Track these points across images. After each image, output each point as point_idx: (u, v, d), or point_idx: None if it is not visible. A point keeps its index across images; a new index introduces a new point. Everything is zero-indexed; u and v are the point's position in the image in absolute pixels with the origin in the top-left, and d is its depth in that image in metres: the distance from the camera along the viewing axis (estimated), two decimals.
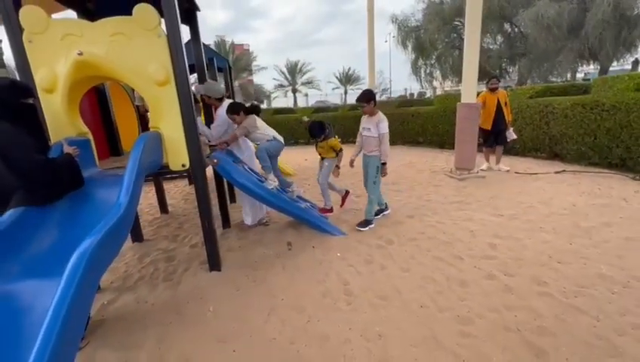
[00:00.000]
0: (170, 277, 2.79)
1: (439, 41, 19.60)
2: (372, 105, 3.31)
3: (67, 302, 1.22)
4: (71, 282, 1.25)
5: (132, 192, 1.76)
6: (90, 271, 1.36)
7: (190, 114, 2.41)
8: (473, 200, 4.13)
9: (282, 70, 33.91)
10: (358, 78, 36.76)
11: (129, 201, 1.69)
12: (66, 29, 2.12)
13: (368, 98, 3.29)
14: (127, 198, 1.68)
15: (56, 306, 1.19)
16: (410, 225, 3.49)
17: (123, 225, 1.65)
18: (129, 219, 1.74)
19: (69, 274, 1.27)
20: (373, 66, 10.98)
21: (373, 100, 3.32)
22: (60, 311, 1.19)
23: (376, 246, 3.04)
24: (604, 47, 12.71)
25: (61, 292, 1.23)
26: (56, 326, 1.17)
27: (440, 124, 8.75)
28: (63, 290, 1.23)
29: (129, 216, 1.73)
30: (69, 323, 1.21)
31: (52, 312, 1.18)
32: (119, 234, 1.62)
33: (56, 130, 2.22)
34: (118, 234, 1.61)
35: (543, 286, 2.22)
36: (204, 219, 2.62)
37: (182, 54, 2.31)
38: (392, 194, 4.72)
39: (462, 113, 5.08)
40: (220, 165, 2.71)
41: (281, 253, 3.06)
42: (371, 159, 3.48)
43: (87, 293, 1.36)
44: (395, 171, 6.27)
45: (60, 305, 1.20)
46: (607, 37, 12.60)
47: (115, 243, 1.61)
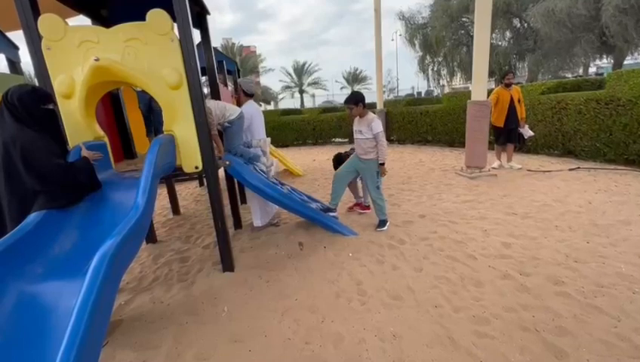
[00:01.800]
0: (185, 278, 2.83)
1: (446, 38, 19.42)
2: (361, 107, 3.27)
3: (91, 302, 1.25)
4: (94, 283, 1.28)
5: (149, 194, 1.79)
6: (112, 272, 1.39)
7: (202, 116, 2.45)
8: (486, 198, 4.08)
9: (289, 71, 34.03)
10: (365, 78, 36.66)
11: (146, 203, 1.73)
12: (83, 35, 2.17)
13: (356, 100, 3.25)
14: (145, 200, 1.71)
15: (80, 307, 1.22)
16: (422, 224, 3.47)
17: (141, 226, 1.69)
18: (147, 220, 1.78)
19: (92, 275, 1.30)
20: (380, 65, 10.93)
21: (362, 102, 3.26)
22: (84, 312, 1.21)
23: (388, 246, 3.03)
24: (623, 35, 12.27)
25: (84, 293, 1.26)
26: (80, 326, 1.19)
27: (449, 122, 8.67)
28: (87, 291, 1.26)
29: (146, 217, 1.76)
30: (93, 324, 1.23)
31: (77, 313, 1.21)
32: (138, 235, 1.65)
33: (74, 135, 2.28)
34: (137, 235, 1.64)
35: (560, 286, 2.18)
36: (217, 220, 2.65)
37: (194, 58, 2.35)
38: (402, 193, 4.70)
39: (472, 111, 5.02)
40: (232, 167, 2.74)
41: (293, 254, 3.07)
42: (369, 163, 3.40)
43: (109, 293, 1.39)
44: (404, 170, 6.25)
45: (85, 306, 1.23)
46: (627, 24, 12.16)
47: (135, 244, 1.65)
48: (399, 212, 3.93)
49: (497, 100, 5.27)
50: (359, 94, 3.35)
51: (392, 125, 10.63)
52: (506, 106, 5.24)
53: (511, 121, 5.30)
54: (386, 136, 10.73)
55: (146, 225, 1.80)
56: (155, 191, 2.02)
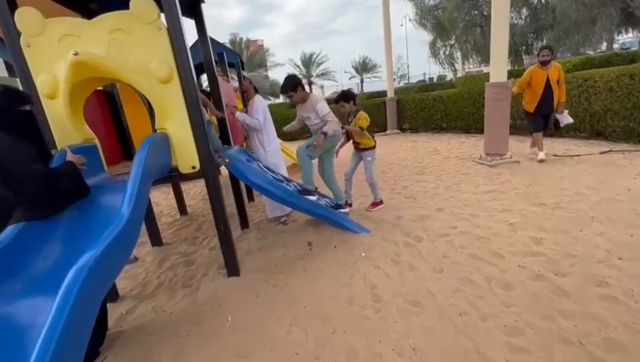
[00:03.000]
0: (189, 283, 2.69)
1: (459, 19, 18.59)
2: (300, 91, 3.07)
3: (61, 325, 1.10)
4: (65, 303, 1.13)
5: (136, 201, 1.63)
6: (89, 288, 1.23)
7: (197, 112, 2.26)
8: (509, 188, 3.77)
9: (297, 63, 33.58)
10: (375, 66, 35.79)
11: (132, 212, 1.56)
12: (64, 29, 2.01)
13: (293, 86, 3.04)
14: (130, 210, 1.54)
15: (47, 332, 1.07)
16: (440, 218, 3.21)
17: (126, 238, 1.52)
18: (133, 229, 1.61)
19: (63, 294, 1.15)
20: (390, 52, 10.49)
21: (300, 86, 3.07)
22: (52, 337, 1.07)
23: (404, 244, 2.80)
24: None
25: (53, 316, 1.11)
26: (49, 348, 1.05)
27: (464, 107, 8.24)
28: (56, 313, 1.11)
29: (133, 226, 1.60)
30: (65, 344, 1.09)
31: (43, 338, 1.06)
32: (122, 247, 1.49)
33: (62, 138, 2.13)
34: (122, 247, 1.48)
35: (604, 288, 1.91)
36: (219, 223, 2.48)
37: (184, 48, 2.15)
38: (417, 185, 4.42)
39: (491, 94, 4.66)
40: (233, 165, 2.56)
41: (302, 254, 2.89)
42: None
43: (86, 311, 1.24)
44: (419, 160, 5.95)
45: (53, 331, 1.08)
46: None
47: (119, 257, 1.49)
48: (415, 205, 3.68)
49: (530, 81, 4.51)
50: (294, 77, 3.11)
51: (404, 113, 10.24)
52: (540, 89, 4.44)
53: (544, 105, 4.50)
54: (398, 125, 10.41)
55: (134, 235, 1.63)
56: (146, 197, 1.86)
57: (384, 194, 4.18)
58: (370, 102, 11.14)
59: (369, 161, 3.56)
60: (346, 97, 3.44)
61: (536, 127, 4.71)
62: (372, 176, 3.61)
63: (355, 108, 3.48)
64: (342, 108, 3.48)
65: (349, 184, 3.77)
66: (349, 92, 3.54)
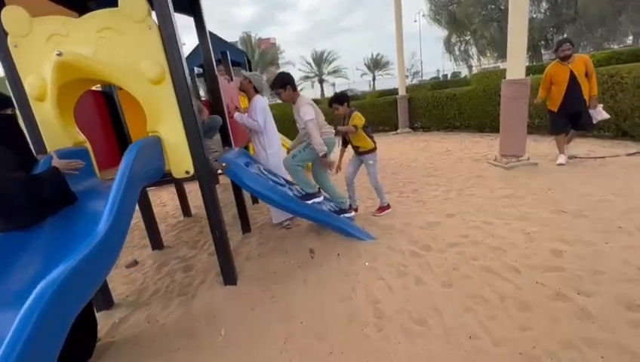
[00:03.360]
0: (185, 291, 2.60)
1: (475, 14, 18.03)
2: (289, 90, 2.81)
3: (19, 346, 1.01)
4: (23, 329, 1.04)
5: (118, 211, 1.52)
6: (54, 309, 1.14)
7: (191, 114, 2.15)
8: (526, 193, 3.53)
9: (308, 61, 33.42)
10: (387, 63, 35.26)
11: (112, 224, 1.46)
12: (51, 28, 1.92)
13: (282, 83, 2.80)
14: (109, 222, 1.44)
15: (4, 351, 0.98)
16: (451, 225, 3.01)
17: (105, 251, 1.42)
18: (115, 241, 1.52)
19: (23, 318, 1.06)
20: (401, 48, 10.21)
21: (290, 85, 2.81)
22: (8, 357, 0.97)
23: (411, 254, 2.62)
24: None
25: (12, 335, 1.02)
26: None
27: (479, 105, 7.93)
28: (13, 338, 1.01)
29: (115, 238, 1.50)
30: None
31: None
32: (98, 265, 1.39)
33: (52, 141, 2.06)
34: (97, 265, 1.38)
35: (635, 312, 1.70)
36: (214, 230, 2.37)
37: (176, 47, 2.04)
38: (427, 188, 4.22)
39: (507, 91, 4.40)
40: (230, 169, 2.44)
41: (303, 262, 2.76)
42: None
43: (52, 331, 1.15)
44: (430, 161, 5.72)
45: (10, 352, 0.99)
46: None
47: (94, 275, 1.39)
48: (424, 210, 3.48)
49: (551, 79, 4.16)
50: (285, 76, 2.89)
51: (415, 111, 9.97)
52: (564, 85, 4.05)
53: (571, 103, 4.07)
54: (410, 123, 10.13)
55: (115, 248, 1.53)
56: (132, 204, 1.75)
57: (392, 197, 4.00)
58: (382, 100, 10.89)
59: (371, 164, 3.39)
60: (339, 100, 3.30)
61: (556, 128, 4.34)
62: (376, 180, 3.44)
63: (349, 110, 3.31)
64: (336, 112, 3.34)
65: (351, 189, 3.60)
66: (342, 94, 3.42)
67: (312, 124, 2.74)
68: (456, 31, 19.38)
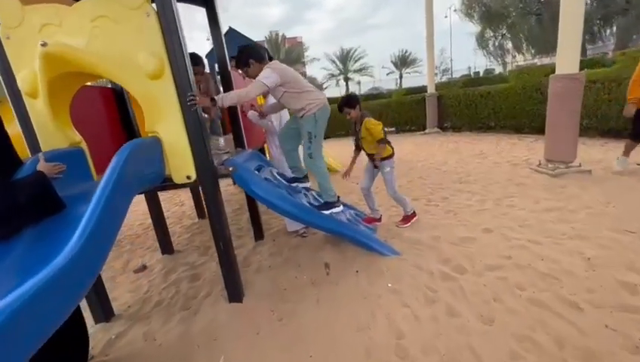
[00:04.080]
0: (189, 304, 2.40)
1: (512, 7, 16.90)
2: (255, 64, 2.37)
3: None
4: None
5: (97, 223, 1.31)
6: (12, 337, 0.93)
7: (193, 112, 1.92)
8: (579, 206, 3.03)
9: (333, 59, 33.05)
10: (415, 60, 34.18)
11: (83, 246, 1.23)
12: (43, 17, 1.76)
13: (245, 60, 2.36)
14: (82, 242, 1.22)
15: None
16: (489, 243, 2.61)
17: (77, 272, 1.21)
18: (92, 258, 1.30)
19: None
20: (431, 44, 9.64)
21: (254, 58, 2.36)
22: None
23: (441, 276, 2.26)
24: None
25: None
26: None
27: (517, 103, 7.28)
28: None
29: (92, 254, 1.28)
30: None
31: None
32: (67, 291, 1.17)
33: (46, 141, 1.91)
34: (65, 291, 1.16)
35: None
36: (218, 241, 2.13)
37: (177, 37, 1.81)
38: (459, 196, 3.79)
39: (556, 88, 3.86)
40: (238, 173, 2.19)
41: (317, 279, 2.47)
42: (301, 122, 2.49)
43: None
44: (462, 165, 5.23)
45: None
46: None
47: (62, 303, 1.17)
48: (456, 222, 3.08)
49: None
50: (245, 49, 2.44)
51: (445, 111, 9.38)
52: None
53: None
54: (439, 123, 9.54)
55: (92, 266, 1.32)
56: (119, 216, 1.54)
57: (419, 205, 3.62)
58: (409, 98, 10.37)
59: (387, 172, 2.98)
60: (350, 103, 2.87)
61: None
62: (394, 190, 3.05)
63: (361, 114, 2.91)
64: (348, 117, 2.93)
65: (369, 199, 3.18)
66: (351, 97, 3.00)
67: (258, 85, 2.16)
68: (491, 25, 18.27)
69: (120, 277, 3.07)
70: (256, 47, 2.44)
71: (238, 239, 3.50)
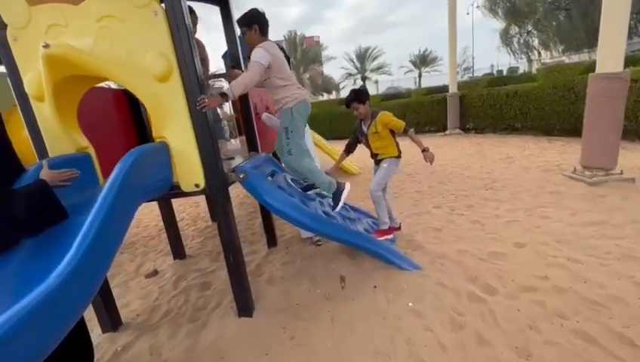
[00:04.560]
0: (197, 316, 2.30)
1: (539, 2, 16.12)
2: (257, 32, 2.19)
3: None
4: None
5: (93, 241, 1.20)
6: None
7: (202, 117, 1.80)
8: (625, 220, 2.73)
9: (351, 58, 32.73)
10: (435, 59, 33.36)
11: (82, 257, 1.14)
12: (49, 18, 1.68)
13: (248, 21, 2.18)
14: (73, 264, 1.12)
15: None
16: (522, 259, 2.37)
17: (74, 289, 1.11)
18: (90, 276, 1.20)
19: None
20: (454, 41, 9.27)
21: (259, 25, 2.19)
22: None
23: (468, 296, 2.06)
24: None
25: None
26: None
27: (547, 104, 6.86)
28: None
29: (86, 273, 1.18)
30: None
31: None
32: (62, 309, 1.07)
33: (53, 146, 1.85)
34: (58, 310, 1.06)
35: None
36: (228, 253, 2.02)
37: (187, 37, 1.70)
38: (486, 205, 3.53)
39: (597, 88, 3.53)
40: (249, 181, 2.07)
41: (332, 293, 2.31)
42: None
43: None
44: (486, 170, 4.94)
45: None
46: None
47: (62, 315, 1.08)
48: (483, 235, 2.85)
49: None
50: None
51: (468, 111, 9.00)
52: None
53: None
54: (461, 124, 9.17)
55: (86, 290, 1.21)
56: (122, 227, 1.44)
57: (442, 213, 3.40)
58: (429, 98, 10.04)
59: (385, 168, 2.74)
60: (358, 97, 2.66)
61: None
62: (377, 188, 2.71)
63: (372, 111, 2.72)
64: (355, 112, 2.72)
65: (381, 207, 2.78)
66: (361, 91, 2.75)
67: (256, 65, 2.00)
68: (516, 21, 17.52)
69: (132, 281, 3.03)
70: (266, 21, 2.26)
71: (251, 245, 3.40)
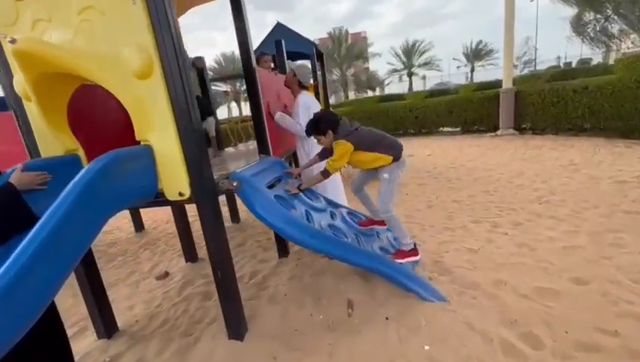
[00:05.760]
0: (191, 330, 2.14)
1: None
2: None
3: None
4: None
5: (33, 259, 1.05)
6: None
7: (187, 117, 1.61)
8: None
9: (398, 52, 31.45)
10: (491, 52, 30.77)
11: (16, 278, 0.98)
12: (34, 13, 1.60)
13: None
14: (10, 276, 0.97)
15: None
16: (582, 303, 1.85)
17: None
18: (22, 302, 1.04)
19: None
20: (511, 31, 8.25)
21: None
22: None
23: (503, 346, 1.62)
24: None
25: None
26: None
27: (626, 101, 5.79)
28: None
29: (15, 299, 1.02)
30: None
31: None
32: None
33: (44, 147, 1.79)
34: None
35: None
36: (215, 269, 1.81)
37: (168, 27, 1.50)
38: (537, 223, 2.94)
39: None
40: (242, 190, 1.84)
41: (336, 320, 2.01)
42: None
43: None
44: (542, 178, 4.21)
45: None
46: None
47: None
48: (531, 263, 2.32)
49: None
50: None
51: (524, 109, 7.97)
52: None
53: None
54: (516, 123, 8.15)
55: (19, 322, 1.06)
56: (78, 244, 1.28)
57: (480, 230, 2.90)
58: (479, 94, 9.10)
59: (385, 178, 2.23)
60: (318, 127, 2.22)
61: None
62: (387, 205, 2.25)
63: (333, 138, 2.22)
64: (318, 142, 2.34)
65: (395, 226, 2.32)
66: (322, 118, 2.25)
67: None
68: (591, 7, 15.28)
69: (143, 282, 3.00)
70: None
71: (264, 252, 3.21)
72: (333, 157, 2.19)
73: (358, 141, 2.16)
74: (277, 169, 2.45)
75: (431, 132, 10.30)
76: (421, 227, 3.23)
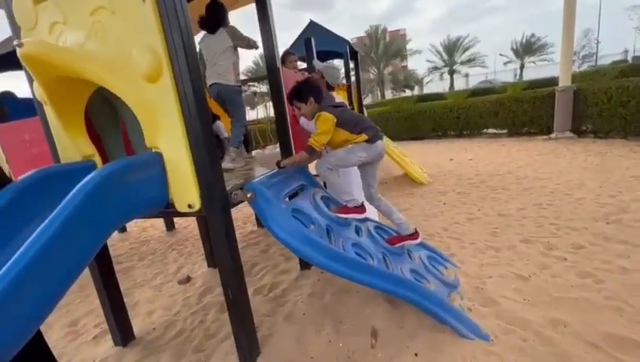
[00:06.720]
0: (204, 346, 2.04)
1: None
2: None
3: None
4: None
5: (18, 279, 0.96)
6: None
7: (198, 124, 1.48)
8: None
9: (439, 49, 30.07)
10: (544, 46, 28.31)
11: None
12: (50, 16, 1.56)
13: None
14: None
15: None
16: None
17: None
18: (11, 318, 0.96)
19: None
20: (571, 20, 7.36)
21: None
22: None
23: None
24: None
25: None
26: None
27: None
28: None
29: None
30: None
31: None
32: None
33: (63, 153, 1.77)
34: None
35: None
36: (226, 286, 1.67)
37: (178, 27, 1.38)
38: (603, 248, 2.47)
39: None
40: (257, 203, 1.69)
41: (357, 352, 1.78)
42: None
43: None
44: (609, 193, 3.60)
45: None
46: None
47: None
48: (597, 299, 1.92)
49: None
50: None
51: (585, 109, 7.08)
52: None
53: None
54: (577, 125, 7.25)
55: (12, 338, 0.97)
56: (75, 262, 1.19)
57: (532, 254, 2.51)
58: (529, 93, 8.27)
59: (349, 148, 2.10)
60: (300, 94, 2.10)
61: None
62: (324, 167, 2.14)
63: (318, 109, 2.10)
64: (297, 112, 2.23)
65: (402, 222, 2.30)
66: (306, 85, 2.13)
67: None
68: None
69: (166, 285, 2.99)
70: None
71: (286, 261, 3.06)
72: (317, 130, 2.03)
73: (339, 117, 2.04)
74: (300, 176, 2.27)
75: (473, 134, 9.59)
76: (460, 243, 2.88)
